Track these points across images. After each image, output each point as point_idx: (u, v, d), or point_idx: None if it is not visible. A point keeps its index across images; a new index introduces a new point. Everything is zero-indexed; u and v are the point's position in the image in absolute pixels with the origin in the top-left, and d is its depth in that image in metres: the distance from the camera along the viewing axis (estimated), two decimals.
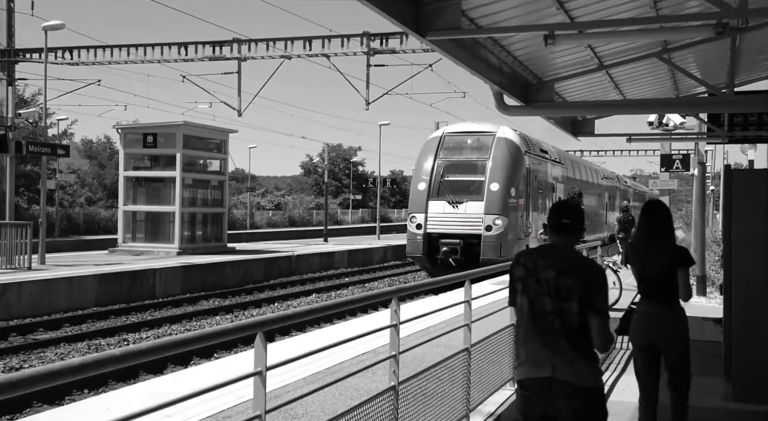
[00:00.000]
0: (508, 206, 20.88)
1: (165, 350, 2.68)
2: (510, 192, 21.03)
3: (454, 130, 22.91)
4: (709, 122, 14.70)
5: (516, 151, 21.77)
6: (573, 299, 3.54)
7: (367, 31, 24.49)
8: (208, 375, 6.70)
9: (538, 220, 23.58)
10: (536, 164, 23.67)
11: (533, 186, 23.17)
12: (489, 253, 20.35)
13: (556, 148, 28.62)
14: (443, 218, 21.03)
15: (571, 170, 29.79)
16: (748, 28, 9.22)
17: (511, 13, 8.51)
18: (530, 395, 3.62)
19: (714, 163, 39.40)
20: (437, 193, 21.41)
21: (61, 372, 2.19)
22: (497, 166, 21.25)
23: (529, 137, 23.74)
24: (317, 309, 3.87)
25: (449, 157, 21.93)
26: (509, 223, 20.82)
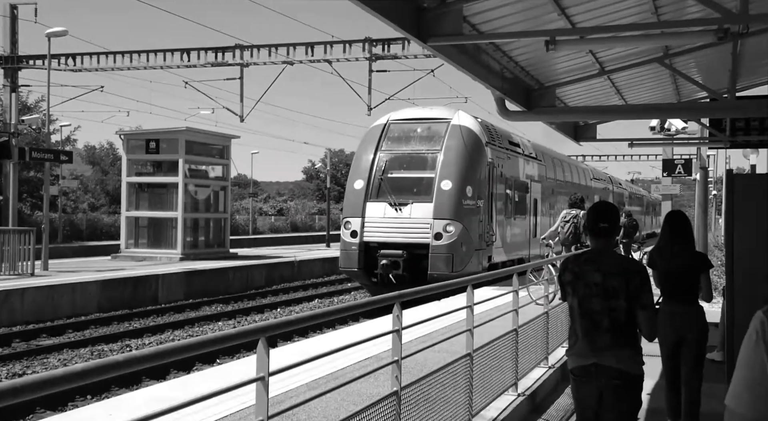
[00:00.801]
0: (462, 209, 16.81)
1: (167, 356, 2.68)
2: (465, 192, 16.90)
3: (402, 117, 18.61)
4: (710, 127, 14.70)
5: (474, 142, 17.58)
6: (620, 297, 3.99)
7: (369, 37, 24.55)
8: (210, 381, 6.70)
9: (506, 226, 19.73)
10: (503, 159, 19.40)
11: (498, 185, 18.99)
12: (438, 267, 16.40)
13: (533, 142, 24.51)
14: (383, 224, 17.01)
15: (552, 168, 25.49)
16: (749, 33, 9.24)
17: (512, 18, 8.54)
18: (580, 381, 4.13)
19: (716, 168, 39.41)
20: (377, 193, 17.35)
21: (64, 378, 2.20)
22: (450, 159, 17.17)
23: (494, 127, 19.80)
24: (319, 315, 3.88)
25: (394, 149, 17.88)
26: (463, 230, 16.69)
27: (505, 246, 19.42)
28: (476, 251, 17.25)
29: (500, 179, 19.16)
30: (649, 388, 7.85)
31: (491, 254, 18.13)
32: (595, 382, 4.03)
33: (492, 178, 18.41)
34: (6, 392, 2.00)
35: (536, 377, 7.72)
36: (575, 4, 8.15)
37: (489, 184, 18.15)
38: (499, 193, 19.10)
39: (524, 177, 21.70)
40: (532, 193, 22.44)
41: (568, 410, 7.57)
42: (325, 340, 8.84)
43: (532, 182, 22.52)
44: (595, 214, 4.14)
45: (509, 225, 19.95)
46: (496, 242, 18.58)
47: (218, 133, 27.52)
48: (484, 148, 17.88)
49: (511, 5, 8.05)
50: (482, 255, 17.55)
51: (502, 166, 19.36)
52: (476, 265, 17.02)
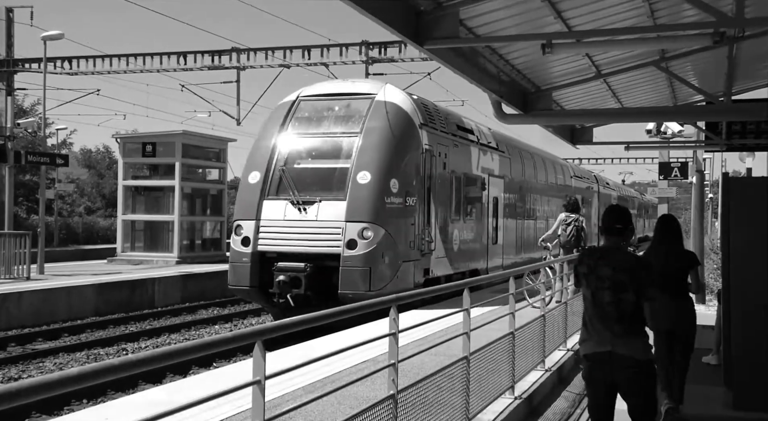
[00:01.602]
0: (384, 209, 12.91)
1: (164, 360, 2.68)
2: (389, 186, 12.99)
3: (314, 93, 14.71)
4: (707, 130, 14.74)
5: (404, 124, 13.61)
6: (629, 291, 4.47)
7: (366, 40, 24.56)
8: (206, 384, 6.69)
9: (452, 230, 15.45)
10: (447, 146, 15.26)
11: (440, 179, 14.79)
12: (351, 284, 12.52)
13: (494, 130, 20.24)
14: (284, 228, 13.20)
15: (519, 162, 21.37)
16: (745, 36, 9.27)
17: (509, 22, 8.55)
18: (593, 366, 4.57)
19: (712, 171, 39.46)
20: (277, 188, 13.54)
21: (60, 382, 2.19)
22: (371, 145, 13.26)
23: (436, 106, 15.73)
24: (315, 318, 3.87)
25: (301, 133, 14.03)
26: (386, 236, 12.77)
27: (451, 255, 15.18)
28: (405, 263, 13.13)
29: (443, 172, 14.93)
30: None
31: (428, 265, 13.97)
32: (608, 368, 4.47)
33: (430, 170, 14.14)
34: (2, 396, 1.99)
35: (533, 380, 7.72)
36: (572, 8, 8.17)
37: (425, 178, 13.94)
38: (442, 190, 14.84)
39: (480, 171, 17.35)
40: (491, 191, 18.21)
41: (565, 414, 7.57)
42: (322, 343, 8.83)
43: (492, 178, 18.20)
44: (611, 215, 4.72)
45: (457, 229, 15.60)
46: (436, 251, 14.30)
47: (215, 136, 27.52)
48: (417, 132, 13.73)
49: (507, 8, 8.07)
50: (415, 267, 13.43)
51: (446, 156, 15.09)
52: (406, 280, 13.07)
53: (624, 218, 4.71)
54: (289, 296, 12.72)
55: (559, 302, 10.24)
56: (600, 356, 4.50)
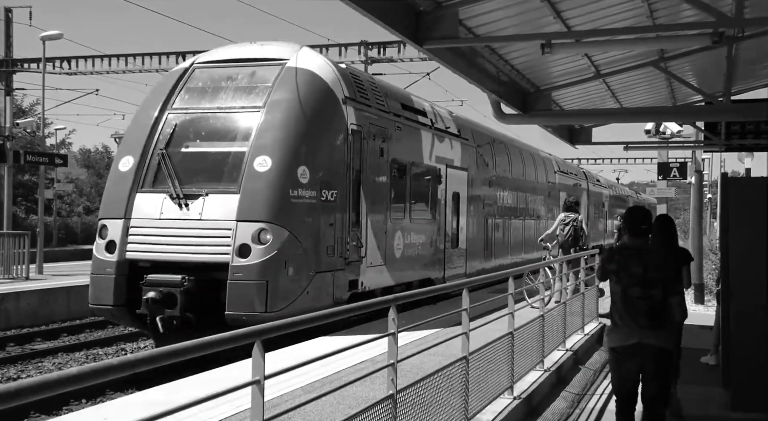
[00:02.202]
0: (290, 205, 9.94)
1: (163, 360, 2.67)
2: (297, 176, 10.02)
3: (214, 58, 11.74)
4: (706, 131, 14.75)
5: (322, 97, 10.70)
6: (658, 287, 4.90)
7: (365, 40, 24.58)
8: (206, 384, 6.68)
9: (393, 232, 12.47)
10: (384, 129, 12.16)
11: (375, 169, 11.86)
12: (242, 303, 9.49)
13: (458, 115, 17.12)
14: (159, 230, 10.21)
15: (489, 153, 18.16)
16: (744, 37, 9.28)
17: (508, 22, 8.56)
18: (622, 358, 4.98)
19: (711, 172, 39.52)
20: (154, 178, 10.53)
21: (59, 382, 2.18)
22: (274, 123, 10.30)
23: (370, 79, 12.95)
24: (315, 318, 3.87)
25: (190, 108, 11.00)
26: (290, 239, 9.81)
27: (392, 263, 12.33)
28: (319, 275, 10.18)
29: (380, 160, 11.97)
30: None
31: (357, 275, 11.10)
32: (637, 359, 4.92)
33: (360, 157, 11.22)
34: (1, 396, 1.99)
35: (532, 381, 7.72)
36: (571, 8, 8.17)
37: (352, 167, 11.00)
38: (378, 182, 11.93)
39: (434, 160, 14.32)
40: (450, 185, 15.15)
41: (564, 414, 7.58)
42: (321, 344, 8.83)
43: (451, 169, 15.17)
44: (635, 217, 5.13)
45: (400, 231, 12.72)
46: (368, 258, 11.46)
47: None
48: (340, 108, 10.78)
49: (506, 9, 8.07)
50: (336, 279, 10.52)
51: (386, 141, 12.10)
52: (320, 296, 10.19)
53: (648, 218, 5.14)
54: (158, 318, 9.58)
55: (558, 302, 10.24)
56: (629, 348, 4.91)
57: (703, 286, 16.36)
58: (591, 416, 7.49)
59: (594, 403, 8.01)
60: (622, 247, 5.25)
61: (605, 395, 8.25)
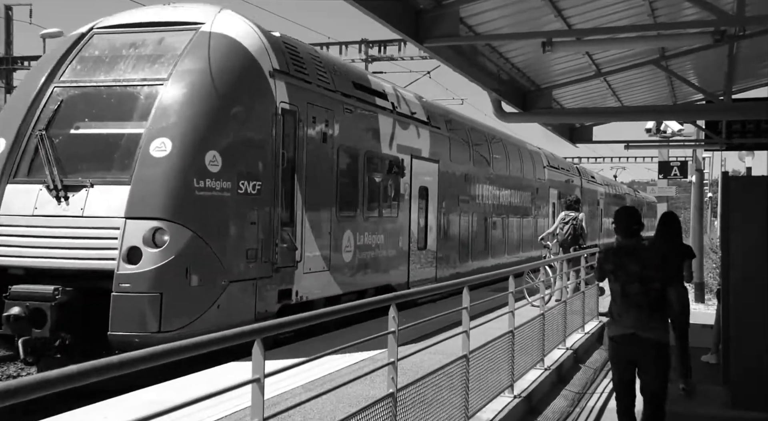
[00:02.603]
0: (194, 199, 8.17)
1: (163, 358, 2.67)
2: (204, 163, 8.26)
3: (118, 23, 9.69)
4: (706, 129, 14.75)
5: (241, 68, 8.94)
6: (656, 282, 5.14)
7: (366, 38, 24.57)
8: (206, 383, 6.68)
9: (342, 233, 10.67)
10: (329, 111, 10.33)
11: (316, 158, 9.98)
12: (129, 320, 7.61)
13: (428, 100, 15.34)
14: (33, 230, 8.32)
15: (465, 143, 16.23)
16: (745, 35, 9.27)
17: (509, 20, 8.55)
18: (618, 346, 5.27)
19: (712, 171, 39.50)
20: (29, 165, 8.73)
21: (59, 380, 2.18)
22: (179, 99, 8.52)
23: (311, 52, 10.63)
24: (314, 316, 3.87)
25: (84, 80, 9.11)
26: (195, 241, 8.03)
27: (339, 269, 10.50)
28: (235, 284, 8.34)
29: (323, 147, 10.18)
30: None
31: (291, 284, 9.32)
32: (631, 348, 5.17)
33: (295, 142, 9.47)
34: (1, 394, 1.99)
35: (532, 379, 7.72)
36: (572, 6, 8.17)
37: (283, 154, 9.16)
38: (321, 173, 10.10)
39: (396, 150, 12.50)
40: (417, 179, 13.41)
41: (564, 412, 7.58)
42: (321, 342, 8.83)
43: (417, 161, 13.44)
44: (627, 217, 5.33)
45: (350, 231, 10.92)
46: (307, 262, 9.64)
47: None
48: (266, 82, 9.03)
49: (507, 7, 8.06)
50: (259, 290, 8.71)
51: (330, 125, 10.29)
52: (236, 310, 8.36)
53: (638, 218, 5.35)
54: (20, 340, 7.67)
55: (558, 301, 10.24)
56: (626, 338, 5.17)
57: (704, 284, 16.36)
58: (591, 415, 7.49)
59: (594, 402, 8.01)
60: (617, 247, 5.41)
61: (605, 393, 8.25)
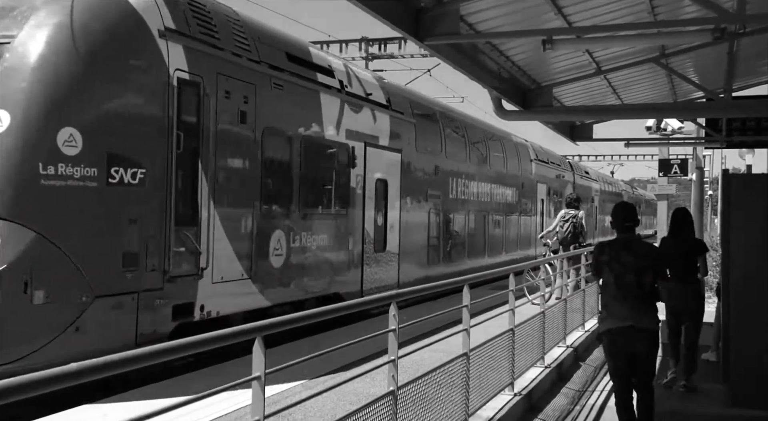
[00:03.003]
0: (40, 189, 6.34)
1: (163, 355, 2.67)
2: (57, 142, 6.42)
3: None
4: (707, 127, 14.74)
5: (117, 23, 7.09)
6: (648, 274, 5.43)
7: (366, 36, 24.54)
8: (206, 381, 6.69)
9: (270, 233, 9.14)
10: (248, 85, 8.78)
11: (232, 142, 8.50)
12: None
13: (390, 82, 14.09)
14: None
15: (435, 132, 14.65)
16: (745, 33, 9.26)
17: (509, 18, 8.54)
18: (615, 339, 5.46)
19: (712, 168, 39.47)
20: None
21: (59, 377, 2.18)
22: (27, 59, 6.57)
23: (222, 8, 8.97)
24: (315, 314, 3.87)
25: None
26: (40, 245, 6.23)
27: (265, 277, 8.96)
28: (106, 300, 6.75)
29: (241, 129, 8.55)
30: None
31: (193, 297, 7.70)
32: (629, 339, 5.39)
33: (199, 119, 7.84)
34: (2, 391, 1.99)
35: (532, 377, 7.73)
36: (572, 4, 8.16)
37: (180, 134, 7.54)
38: (236, 159, 8.54)
39: (344, 136, 10.91)
40: (372, 170, 11.78)
41: (564, 410, 7.58)
42: (321, 340, 8.83)
43: (372, 149, 11.78)
44: (623, 213, 5.61)
45: (282, 230, 9.31)
46: (216, 270, 8.06)
47: None
48: (154, 43, 7.36)
49: (508, 5, 8.06)
50: (145, 305, 7.11)
51: (251, 101, 8.67)
52: (114, 331, 6.86)
53: (633, 214, 5.62)
54: None
55: (558, 299, 10.25)
56: (623, 329, 5.39)
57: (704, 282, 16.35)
58: (591, 413, 7.50)
59: (594, 400, 8.01)
60: (612, 240, 5.71)
61: (605, 391, 8.25)
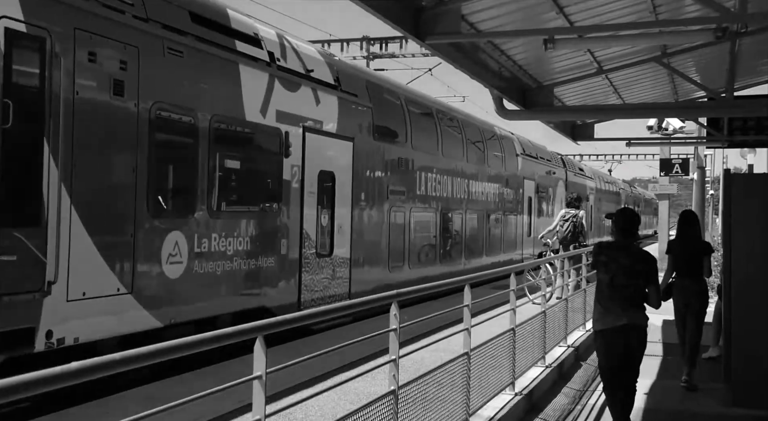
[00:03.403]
0: None
1: (164, 354, 2.67)
2: None
3: None
4: (708, 126, 14.71)
5: None
6: (641, 277, 5.70)
7: (367, 36, 24.55)
8: (207, 380, 6.69)
9: (159, 237, 7.42)
10: (123, 44, 6.91)
11: (97, 117, 6.63)
12: None
13: (341, 60, 12.50)
14: None
15: (398, 118, 13.25)
16: (747, 32, 9.25)
17: (510, 17, 8.53)
18: (611, 337, 5.69)
19: (713, 168, 39.42)
20: None
21: (61, 376, 2.19)
22: None
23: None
24: (315, 314, 3.87)
25: None
26: None
27: (153, 290, 7.42)
28: None
29: (113, 103, 6.90)
30: None
31: (35, 320, 6.02)
32: (625, 336, 5.65)
33: (42, 88, 6.17)
34: (3, 390, 1.99)
35: (533, 377, 7.72)
36: (573, 3, 8.15)
37: (6, 104, 5.83)
38: (109, 143, 6.91)
39: (272, 119, 9.32)
40: (314, 160, 10.18)
41: (565, 410, 7.57)
42: (322, 339, 8.83)
43: (314, 136, 10.18)
44: (624, 219, 5.87)
45: (183, 233, 7.79)
46: (74, 283, 6.39)
47: None
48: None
49: (509, 4, 8.05)
50: None
51: (134, 70, 7.11)
52: None
53: (635, 224, 5.90)
54: None
55: (559, 299, 10.24)
56: (618, 328, 5.66)
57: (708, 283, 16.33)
58: (592, 413, 7.49)
59: (595, 399, 8.00)
60: (612, 242, 5.97)
61: None
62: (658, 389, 7.96)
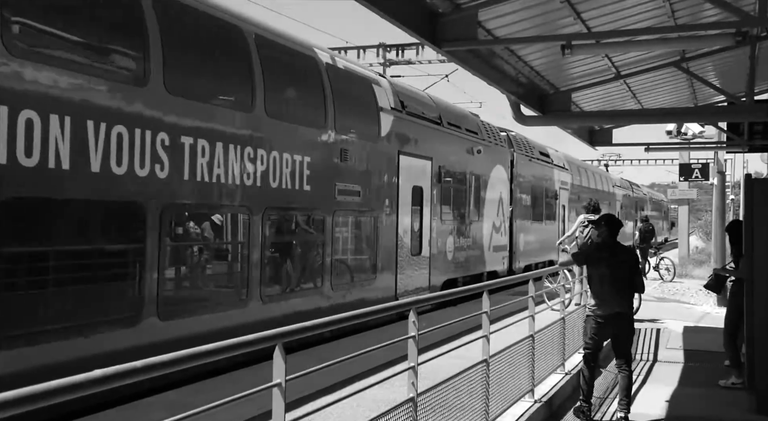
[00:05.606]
0: None
1: (185, 362, 2.69)
2: None
3: None
4: (728, 131, 14.60)
5: None
6: (626, 269, 6.79)
7: (383, 43, 24.60)
8: (226, 387, 6.71)
9: None
10: None
11: None
12: None
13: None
14: None
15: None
16: (767, 36, 9.17)
17: (527, 23, 8.51)
18: (605, 323, 6.76)
19: (733, 173, 39.06)
20: None
21: (84, 384, 2.21)
22: None
23: None
24: (335, 321, 3.88)
25: None
26: None
27: None
28: None
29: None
30: None
31: None
32: (618, 322, 6.75)
33: None
34: (30, 396, 2.02)
35: (553, 384, 7.67)
36: (591, 8, 8.12)
37: None
38: None
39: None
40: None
41: None
42: (341, 347, 8.83)
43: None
44: (610, 224, 6.92)
45: None
46: None
47: None
48: None
49: (526, 10, 8.03)
50: None
51: None
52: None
53: (618, 226, 6.98)
54: None
55: (578, 305, 10.17)
56: (614, 315, 6.71)
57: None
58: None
59: (615, 406, 7.93)
60: (601, 243, 6.89)
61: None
62: (681, 397, 7.88)
